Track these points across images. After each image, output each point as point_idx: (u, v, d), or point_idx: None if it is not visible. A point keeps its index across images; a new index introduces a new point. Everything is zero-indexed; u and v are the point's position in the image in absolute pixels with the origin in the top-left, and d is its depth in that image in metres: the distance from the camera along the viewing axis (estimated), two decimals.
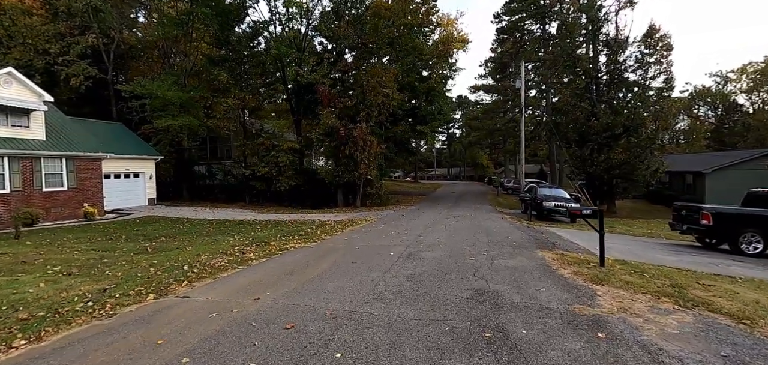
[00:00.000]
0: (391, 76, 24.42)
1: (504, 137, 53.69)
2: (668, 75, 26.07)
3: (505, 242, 9.24)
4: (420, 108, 30.84)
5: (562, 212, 16.12)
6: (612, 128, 24.88)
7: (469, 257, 7.32)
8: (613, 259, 7.13)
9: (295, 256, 7.61)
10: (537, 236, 10.67)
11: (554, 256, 7.39)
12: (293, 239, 10.16)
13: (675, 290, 5.07)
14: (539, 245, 9.04)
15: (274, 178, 27.63)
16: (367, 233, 11.04)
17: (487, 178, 63.40)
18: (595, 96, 26.57)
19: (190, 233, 13.06)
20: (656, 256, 8.83)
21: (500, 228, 12.46)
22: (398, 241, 9.40)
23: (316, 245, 9.14)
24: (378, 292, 4.96)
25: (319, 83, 24.62)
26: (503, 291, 5.02)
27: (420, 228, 12.12)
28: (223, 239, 10.97)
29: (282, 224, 14.99)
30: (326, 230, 12.08)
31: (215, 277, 5.98)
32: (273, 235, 11.22)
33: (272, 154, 28.12)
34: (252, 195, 29.13)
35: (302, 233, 11.18)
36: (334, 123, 24.14)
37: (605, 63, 27.20)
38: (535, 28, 38.44)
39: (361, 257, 7.27)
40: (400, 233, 10.93)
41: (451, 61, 31.74)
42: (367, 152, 24.55)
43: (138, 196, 23.00)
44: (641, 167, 24.39)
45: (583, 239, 10.67)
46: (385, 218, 16.13)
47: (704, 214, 10.35)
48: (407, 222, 14.27)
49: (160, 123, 24.56)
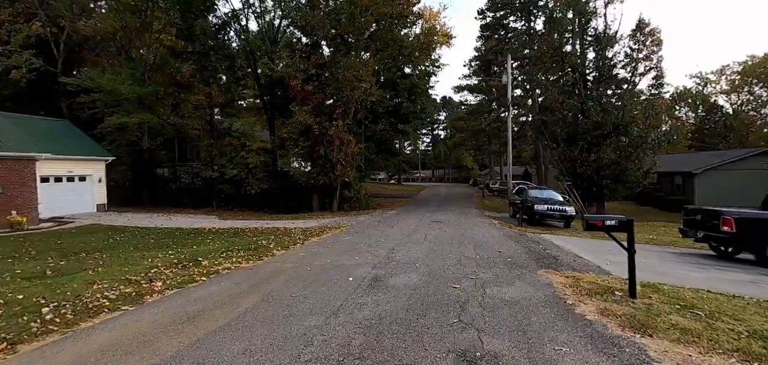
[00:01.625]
0: (369, 69, 22.56)
1: (489, 137, 52.51)
2: (658, 71, 25.01)
3: (498, 259, 7.46)
4: (402, 106, 29.11)
5: (555, 216, 14.55)
6: (602, 126, 23.62)
7: (452, 283, 5.49)
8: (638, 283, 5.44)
9: (220, 285, 5.63)
10: (534, 248, 8.94)
11: (564, 280, 5.62)
12: (236, 255, 8.16)
13: (763, 345, 3.34)
14: (540, 261, 7.28)
15: (243, 181, 25.45)
16: (331, 246, 9.12)
17: (472, 180, 62.22)
18: (584, 93, 25.33)
19: (120, 247, 10.86)
20: (680, 272, 7.20)
21: (490, 238, 10.71)
22: (365, 258, 7.52)
23: (259, 265, 7.16)
24: (306, 361, 3.07)
25: (292, 77, 22.61)
26: (505, 353, 3.19)
27: (396, 238, 10.27)
28: (151, 255, 8.86)
29: (238, 235, 12.90)
30: (284, 242, 10.09)
31: (71, 329, 3.96)
32: (216, 250, 9.17)
33: (241, 155, 25.94)
34: (220, 199, 26.82)
35: (252, 248, 9.16)
36: (308, 121, 22.15)
37: (594, 59, 26.03)
38: (519, 26, 37.30)
39: (308, 287, 5.36)
40: (372, 246, 9.05)
41: (433, 56, 30.12)
42: (344, 152, 22.64)
43: (85, 202, 20.43)
44: (633, 167, 23.20)
45: (587, 250, 9.02)
46: (359, 226, 14.22)
47: (725, 220, 8.83)
48: (383, 230, 12.39)
49: (112, 121, 22.08)
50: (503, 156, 57.64)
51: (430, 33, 24.51)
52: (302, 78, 22.95)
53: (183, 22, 23.54)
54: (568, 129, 26.57)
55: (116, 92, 21.43)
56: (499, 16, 36.91)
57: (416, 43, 23.94)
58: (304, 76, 23.05)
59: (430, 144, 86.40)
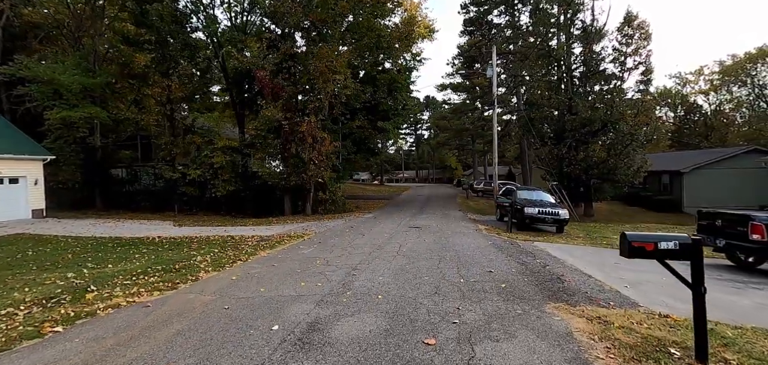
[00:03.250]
0: (343, 59, 20.69)
1: (473, 137, 51.29)
2: (646, 66, 23.99)
3: (490, 284, 5.71)
4: (381, 102, 27.26)
5: (548, 220, 12.99)
6: (590, 123, 22.42)
7: (425, 335, 3.70)
8: (681, 318, 3.81)
9: (68, 344, 3.69)
10: (531, 264, 7.27)
11: (587, 325, 3.90)
12: (146, 281, 6.18)
13: None
14: (544, 286, 5.58)
15: (208, 182, 23.19)
16: (278, 265, 7.22)
17: (456, 180, 61.04)
18: (571, 89, 24.12)
19: (23, 265, 8.65)
20: (718, 296, 5.62)
21: (476, 249, 9.00)
22: (313, 284, 5.67)
23: (164, 298, 5.20)
24: None
25: (259, 69, 20.54)
26: None
27: (364, 251, 8.45)
28: (43, 279, 6.77)
29: (180, 246, 10.82)
30: (224, 259, 8.11)
31: None
32: (130, 271, 7.14)
33: (205, 154, 23.65)
34: (183, 203, 24.46)
35: (176, 268, 7.17)
36: (277, 116, 20.13)
37: (581, 54, 24.85)
38: (503, 21, 36.05)
39: (202, 349, 3.49)
40: (330, 263, 7.20)
41: (415, 50, 28.46)
42: (318, 150, 20.69)
43: (17, 207, 17.84)
44: (623, 166, 22.06)
45: (592, 263, 7.40)
46: (327, 233, 12.33)
47: (756, 226, 7.37)
48: (352, 239, 10.55)
49: (53, 115, 19.52)
50: (487, 156, 56.58)
51: (410, 22, 22.81)
52: (271, 69, 20.89)
53: (137, 6, 21.11)
54: (554, 126, 25.32)
55: (56, 82, 18.87)
56: (483, 10, 35.56)
57: (396, 32, 22.21)
58: (273, 68, 20.99)
59: (413, 144, 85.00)
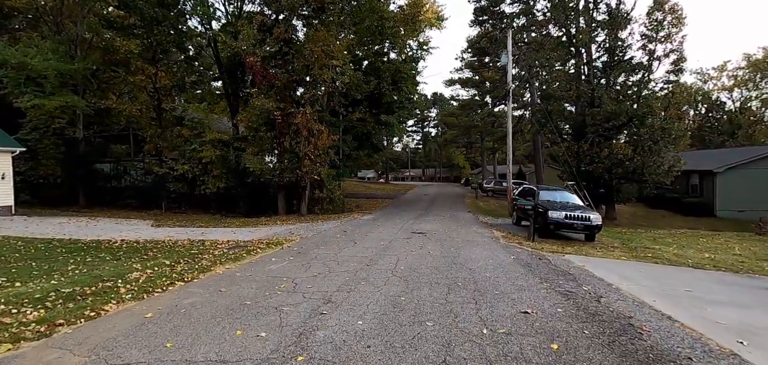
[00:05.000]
0: (342, 45, 18.75)
1: (482, 134, 49.00)
2: (678, 54, 21.66)
3: (533, 344, 3.68)
4: (384, 94, 25.27)
5: (577, 227, 10.89)
6: (615, 116, 20.20)
7: None
8: None
9: None
10: (581, 298, 5.21)
11: None
12: (67, 305, 4.33)
13: None
14: (619, 348, 3.57)
15: (198, 178, 21.45)
16: (227, 289, 5.28)
17: (464, 179, 58.76)
18: (594, 80, 21.91)
19: None
20: None
21: (498, 269, 6.97)
22: (250, 341, 3.72)
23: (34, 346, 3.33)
24: None
25: (249, 54, 18.72)
26: None
27: (348, 269, 6.51)
28: None
29: (135, 254, 8.96)
30: (167, 275, 6.20)
31: None
32: (24, 296, 5.28)
33: (193, 147, 21.89)
34: (170, 200, 22.75)
35: (85, 295, 5.27)
36: (268, 105, 18.28)
37: (603, 41, 22.58)
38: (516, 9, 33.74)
39: None
40: (296, 291, 5.24)
41: (421, 39, 26.39)
42: (313, 144, 18.79)
43: None
44: (652, 164, 19.79)
45: (661, 293, 5.34)
46: (314, 239, 10.40)
47: None
48: (340, 249, 8.62)
49: (24, 102, 17.89)
50: (496, 154, 54.29)
51: (416, 5, 20.75)
52: (263, 55, 19.04)
53: None
54: (574, 121, 23.13)
55: (28, 67, 17.21)
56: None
57: (400, 15, 20.19)
58: (265, 54, 19.13)
59: (420, 142, 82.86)
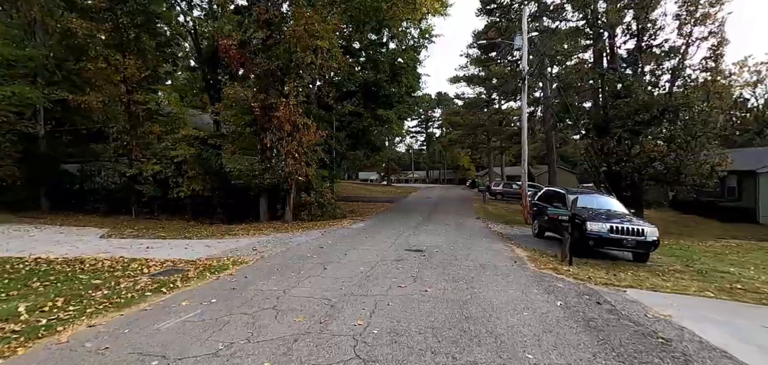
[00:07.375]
0: (330, 26, 16.15)
1: (488, 134, 46.21)
2: (718, 38, 18.86)
3: None
4: (382, 86, 22.64)
5: (628, 244, 8.15)
6: (648, 108, 17.40)
7: None
8: None
9: None
10: None
11: None
12: None
13: None
14: None
15: (169, 179, 18.96)
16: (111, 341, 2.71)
17: (470, 181, 55.89)
18: (621, 68, 19.18)
19: None
20: None
21: (539, 330, 4.27)
22: None
23: None
24: None
25: (223, 36, 16.28)
26: None
27: (287, 332, 3.85)
28: None
29: (36, 277, 6.37)
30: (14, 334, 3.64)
31: None
32: None
33: (165, 145, 19.44)
34: (142, 204, 20.24)
35: None
36: (243, 95, 15.77)
37: (629, 24, 19.87)
38: None
39: None
40: None
41: (422, 27, 23.75)
42: (298, 140, 16.22)
43: None
44: (691, 163, 16.98)
45: None
46: (270, 261, 7.74)
47: None
48: (297, 282, 5.95)
49: None
50: (504, 155, 51.45)
51: None
52: (241, 39, 16.53)
53: None
54: (596, 115, 20.38)
55: None
56: None
57: None
58: (243, 37, 16.62)
59: (424, 143, 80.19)
